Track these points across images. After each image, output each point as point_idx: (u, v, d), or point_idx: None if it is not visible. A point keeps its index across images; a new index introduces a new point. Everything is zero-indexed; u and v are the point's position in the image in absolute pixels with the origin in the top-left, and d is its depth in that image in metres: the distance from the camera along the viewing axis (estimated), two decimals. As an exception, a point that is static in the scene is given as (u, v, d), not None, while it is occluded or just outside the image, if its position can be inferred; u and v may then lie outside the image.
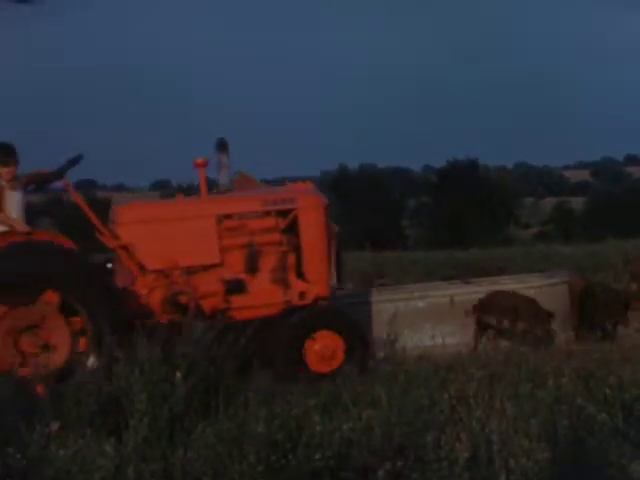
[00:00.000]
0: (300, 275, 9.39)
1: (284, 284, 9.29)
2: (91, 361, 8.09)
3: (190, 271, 9.06)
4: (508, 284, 11.73)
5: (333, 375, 8.34)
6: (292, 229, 9.40)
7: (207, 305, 9.01)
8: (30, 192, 9.01)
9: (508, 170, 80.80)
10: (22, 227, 8.53)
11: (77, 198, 9.10)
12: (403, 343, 8.97)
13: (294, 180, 10.19)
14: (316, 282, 9.33)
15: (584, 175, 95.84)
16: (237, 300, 9.16)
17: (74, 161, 8.96)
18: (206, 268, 9.16)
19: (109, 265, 9.04)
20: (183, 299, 8.89)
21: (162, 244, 8.99)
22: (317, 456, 5.80)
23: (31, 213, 8.90)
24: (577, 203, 61.87)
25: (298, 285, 9.32)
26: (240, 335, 7.74)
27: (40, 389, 7.63)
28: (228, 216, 9.32)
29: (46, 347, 8.19)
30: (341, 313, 9.53)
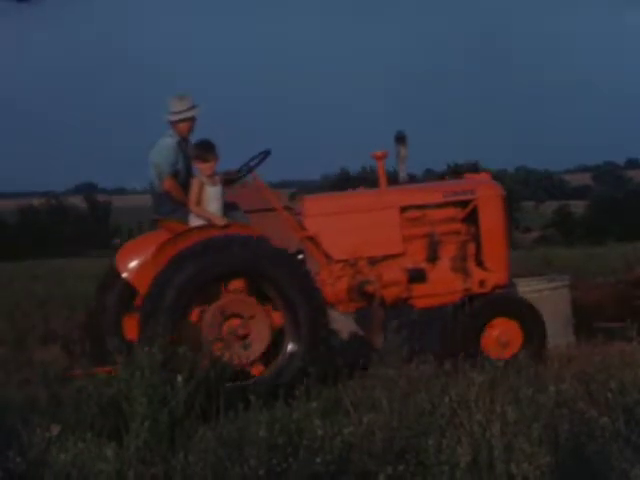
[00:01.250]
0: (479, 264, 9.61)
1: (464, 272, 9.53)
2: (289, 351, 8.33)
3: (373, 261, 9.33)
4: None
5: (508, 362, 8.40)
6: (471, 219, 9.65)
7: (390, 294, 9.28)
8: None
9: (509, 174, 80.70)
10: (220, 220, 8.65)
11: (266, 191, 9.24)
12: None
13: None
14: (495, 270, 9.54)
15: (585, 179, 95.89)
16: (418, 289, 9.40)
17: (264, 155, 9.20)
18: (389, 258, 9.41)
19: (301, 256, 9.19)
20: (369, 288, 9.15)
21: (347, 235, 9.29)
22: (318, 460, 5.79)
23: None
24: (578, 207, 61.85)
25: (478, 273, 9.54)
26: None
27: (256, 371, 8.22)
28: (410, 207, 9.57)
29: (246, 337, 8.36)
30: (520, 301, 9.78)
